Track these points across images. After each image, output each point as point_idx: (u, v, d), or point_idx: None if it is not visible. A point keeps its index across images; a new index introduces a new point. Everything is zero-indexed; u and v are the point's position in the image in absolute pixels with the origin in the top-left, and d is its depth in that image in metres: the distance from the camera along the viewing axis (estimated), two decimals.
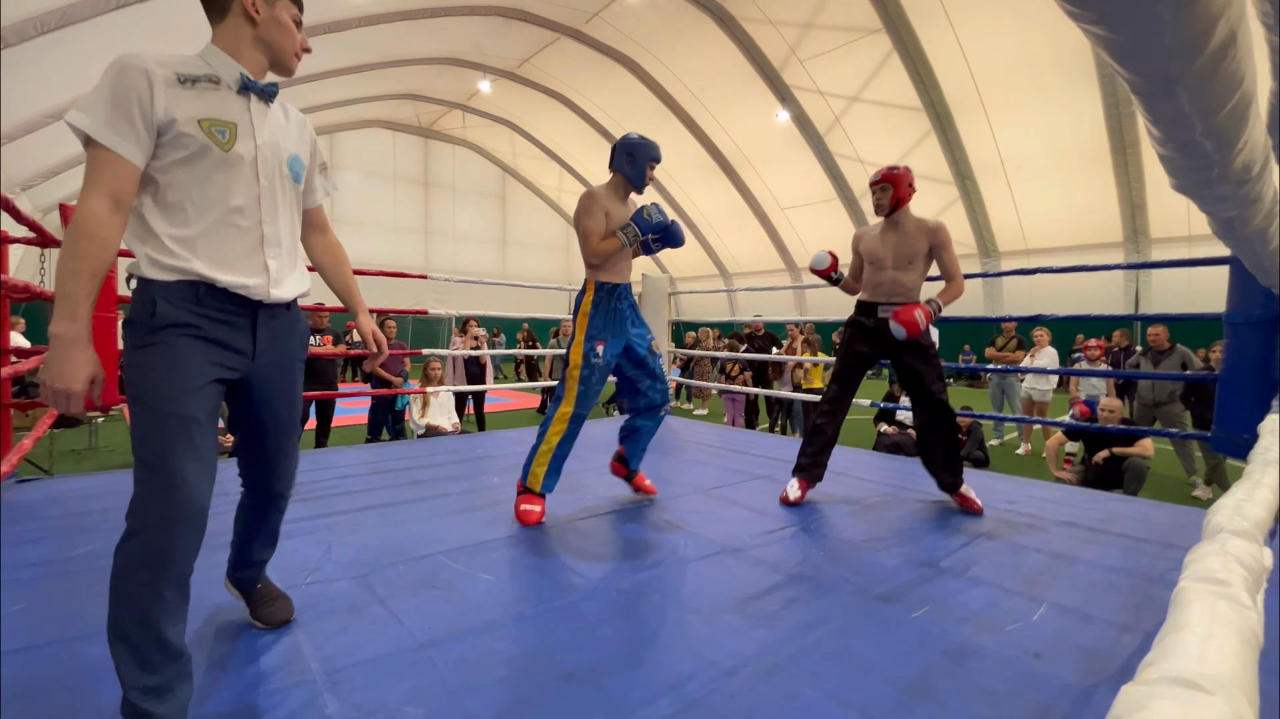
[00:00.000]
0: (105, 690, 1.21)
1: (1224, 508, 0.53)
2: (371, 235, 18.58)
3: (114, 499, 2.48)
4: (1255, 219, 1.19)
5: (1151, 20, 0.53)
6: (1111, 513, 2.61)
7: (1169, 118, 0.72)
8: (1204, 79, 0.62)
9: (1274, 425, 1.09)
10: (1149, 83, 0.64)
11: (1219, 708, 0.25)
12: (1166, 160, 0.91)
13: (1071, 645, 1.48)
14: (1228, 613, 0.32)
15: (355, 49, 11.91)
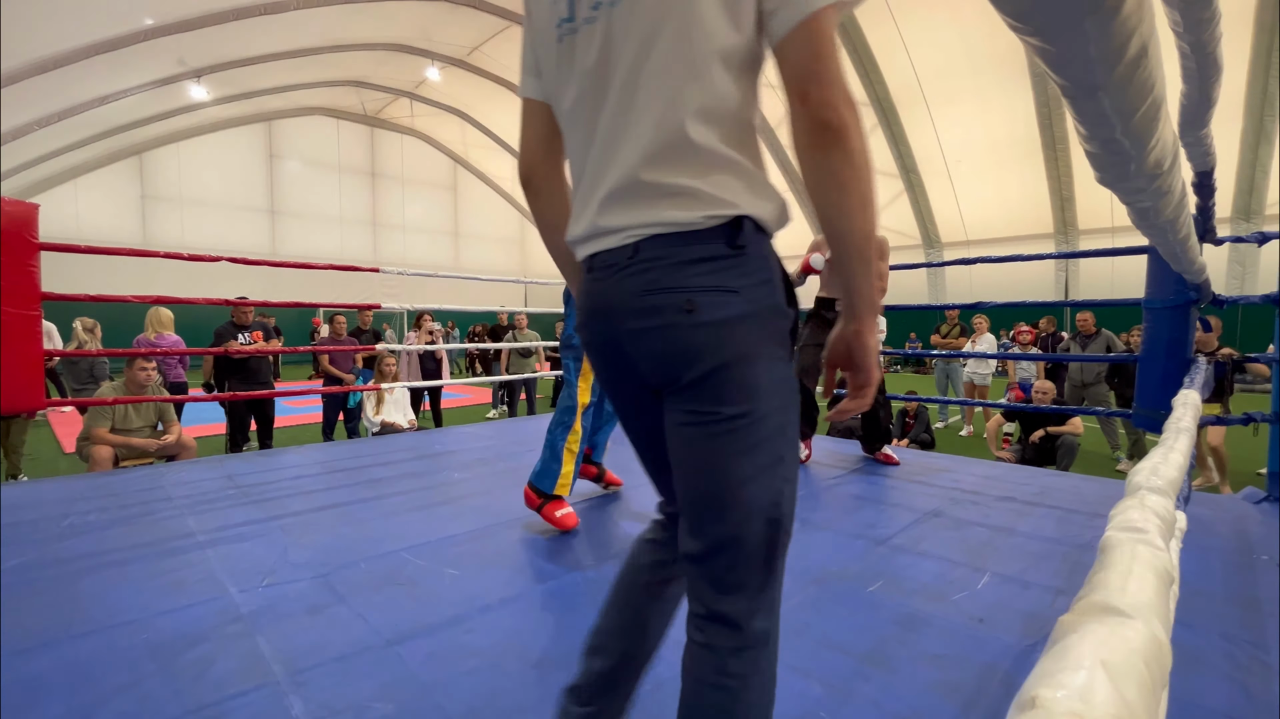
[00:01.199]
0: (54, 702, 1.15)
1: (1142, 470, 0.59)
2: (317, 227, 17.87)
3: (48, 508, 2.34)
4: (1166, 210, 1.30)
5: (1079, 33, 0.58)
6: (1046, 487, 2.79)
7: (1093, 118, 0.79)
8: (1122, 85, 0.68)
9: (1185, 399, 1.20)
10: (1076, 87, 0.70)
11: (1139, 629, 0.29)
12: (1092, 156, 0.99)
13: (1012, 610, 1.58)
14: (1146, 555, 0.37)
15: (295, 32, 11.38)
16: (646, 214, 0.69)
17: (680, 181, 0.67)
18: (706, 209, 0.67)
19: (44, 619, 1.48)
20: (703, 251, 0.67)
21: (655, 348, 0.70)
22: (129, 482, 2.76)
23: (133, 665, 1.29)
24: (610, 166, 0.71)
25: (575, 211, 0.80)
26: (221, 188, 16.19)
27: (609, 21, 0.70)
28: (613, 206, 0.71)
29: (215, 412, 7.58)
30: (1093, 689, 0.24)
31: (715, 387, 0.67)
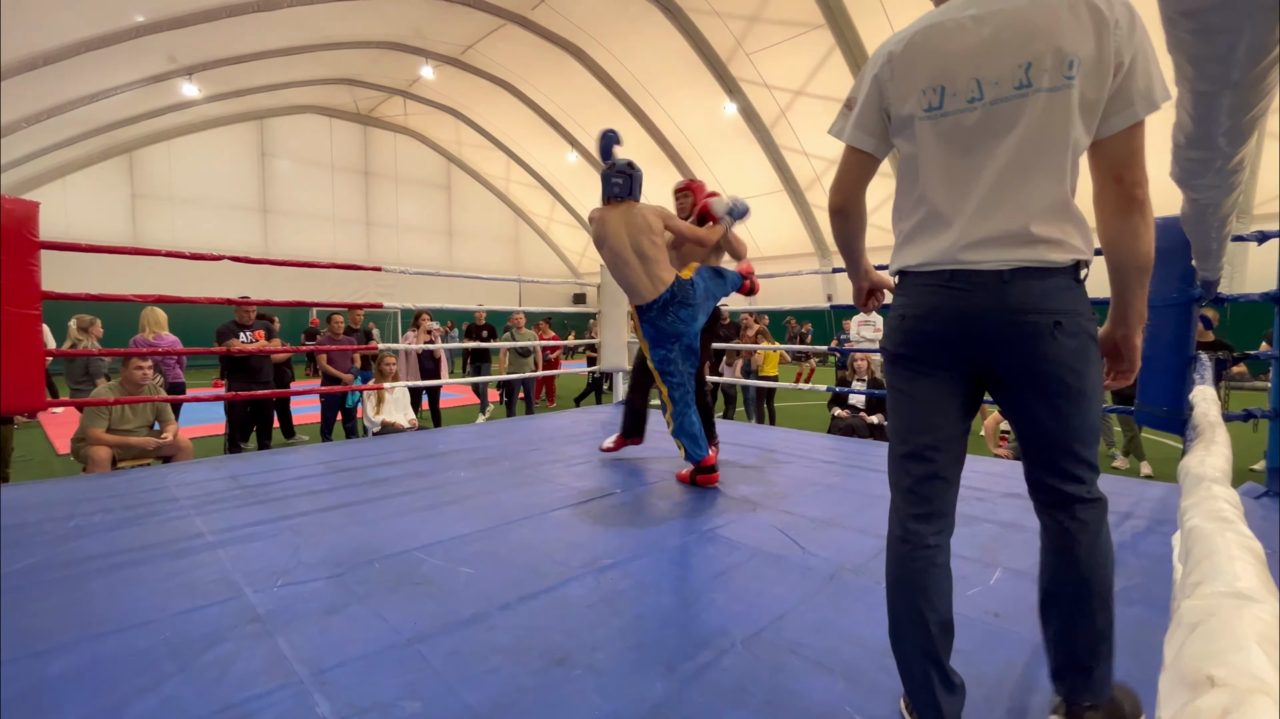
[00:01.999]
0: (76, 704, 1.14)
1: (1192, 462, 0.60)
2: (310, 227, 17.75)
3: (48, 510, 2.31)
4: (1225, 205, 1.30)
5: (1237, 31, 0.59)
6: None
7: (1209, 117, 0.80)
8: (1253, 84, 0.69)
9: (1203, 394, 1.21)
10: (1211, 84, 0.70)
11: (1272, 611, 0.29)
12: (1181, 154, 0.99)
13: (1026, 604, 1.60)
14: (1238, 541, 0.37)
15: (287, 29, 11.29)
16: (1026, 253, 0.98)
17: (1057, 234, 0.97)
18: (1069, 254, 0.98)
19: (58, 620, 1.47)
20: (1063, 283, 0.99)
21: (1025, 348, 1.00)
22: (132, 482, 2.74)
23: (153, 666, 1.28)
24: (995, 215, 1.00)
25: (925, 236, 1.07)
26: (213, 186, 16.04)
27: (989, 114, 0.99)
28: (993, 244, 1.00)
29: (211, 412, 7.51)
30: (1261, 665, 0.25)
31: (1074, 372, 0.99)
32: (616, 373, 5.59)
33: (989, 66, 0.97)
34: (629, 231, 2.60)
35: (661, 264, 2.58)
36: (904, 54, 1.04)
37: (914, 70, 1.03)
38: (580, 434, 4.04)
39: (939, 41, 1.01)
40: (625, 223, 2.61)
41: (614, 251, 2.62)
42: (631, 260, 2.60)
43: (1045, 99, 0.94)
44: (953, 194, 1.03)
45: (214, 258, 3.10)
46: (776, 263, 17.70)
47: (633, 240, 2.59)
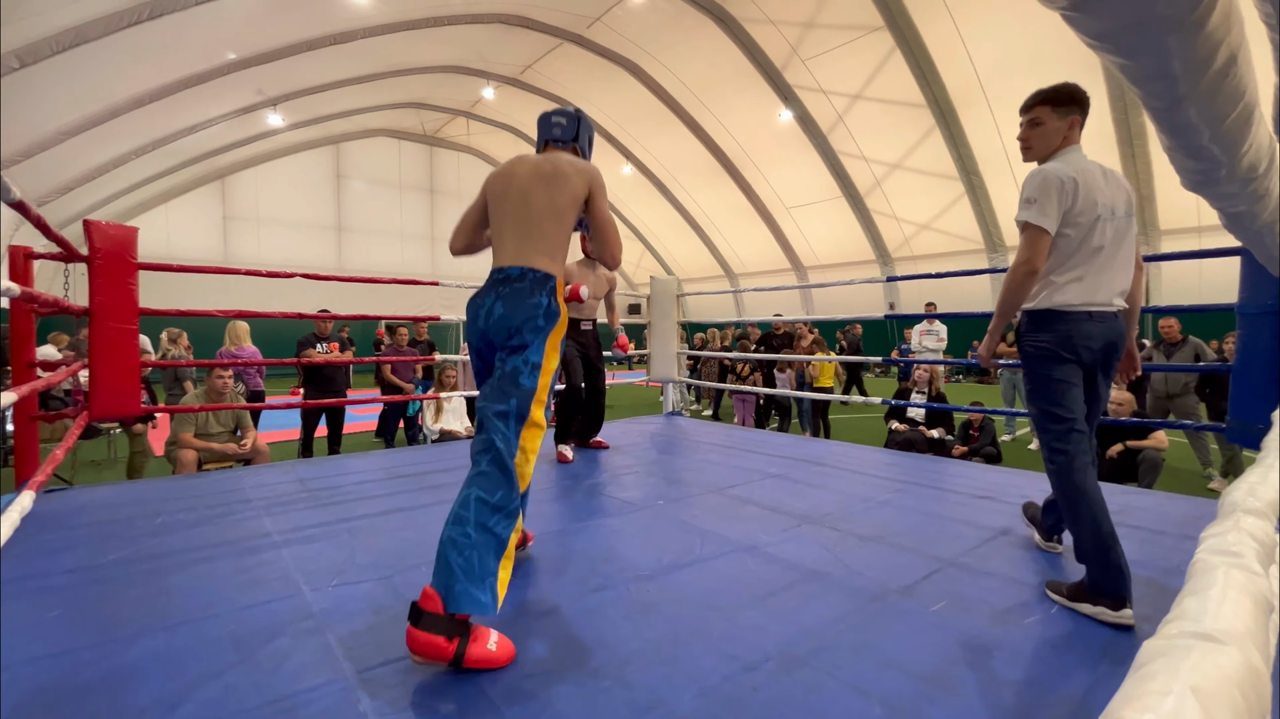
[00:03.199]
0: (148, 688, 1.25)
1: (1239, 488, 0.55)
2: (379, 243, 18.73)
3: (141, 507, 2.53)
4: (1263, 213, 1.20)
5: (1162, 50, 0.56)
6: (1126, 505, 2.61)
7: (1178, 128, 0.75)
8: (1210, 94, 0.64)
9: None
10: (1160, 100, 0.67)
11: (1232, 656, 0.27)
12: (1178, 163, 0.94)
13: (1089, 636, 1.49)
14: (1241, 579, 0.34)
15: (361, 59, 12.02)
16: (1119, 303, 1.76)
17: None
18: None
19: (141, 610, 1.60)
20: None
21: (1120, 353, 1.82)
22: (212, 483, 2.96)
23: (218, 656, 1.38)
24: (1117, 277, 1.74)
25: (1080, 286, 1.73)
26: (294, 207, 17.20)
27: (1115, 224, 1.72)
28: (1115, 294, 1.74)
29: (290, 417, 8.01)
30: (1182, 715, 0.23)
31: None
32: (668, 384, 5.59)
33: (1115, 202, 1.74)
34: (530, 176, 1.77)
35: (547, 235, 1.72)
36: (1080, 183, 1.69)
37: (1090, 193, 1.70)
38: (629, 445, 4.06)
39: (1093, 182, 1.71)
40: (534, 166, 1.80)
41: (499, 198, 1.80)
42: (508, 217, 1.76)
43: (1128, 223, 1.75)
44: (1091, 260, 1.72)
45: (287, 275, 3.33)
46: (833, 270, 17.27)
47: (525, 188, 1.76)
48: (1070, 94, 1.77)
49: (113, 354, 2.68)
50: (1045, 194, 1.67)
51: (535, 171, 1.77)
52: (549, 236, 1.72)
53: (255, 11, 8.72)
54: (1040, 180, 1.69)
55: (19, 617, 1.56)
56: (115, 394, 2.72)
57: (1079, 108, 1.77)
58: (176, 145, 12.22)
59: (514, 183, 1.78)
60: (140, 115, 9.72)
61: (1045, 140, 1.80)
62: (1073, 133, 1.77)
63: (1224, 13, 0.53)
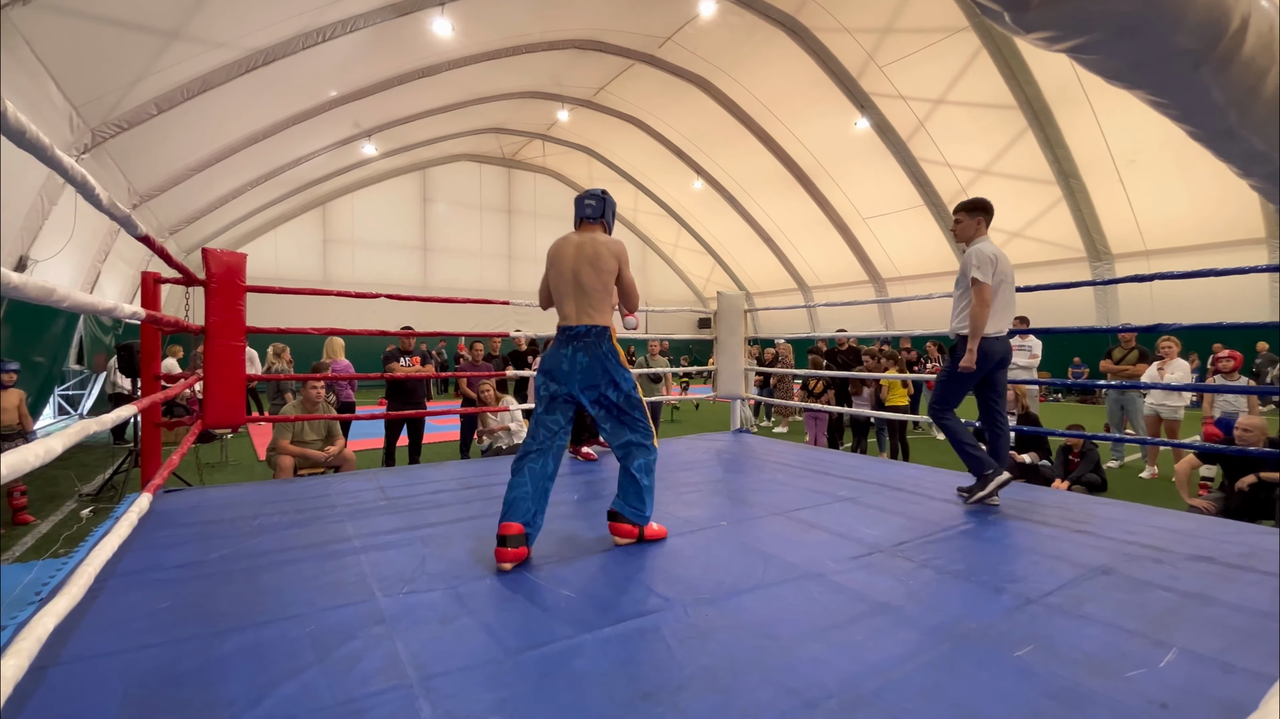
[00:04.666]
0: (237, 680, 1.35)
1: None
2: (461, 262, 19.73)
3: (243, 509, 2.76)
4: None
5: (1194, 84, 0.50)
6: (1256, 547, 2.30)
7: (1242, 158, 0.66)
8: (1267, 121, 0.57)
9: None
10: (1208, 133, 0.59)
11: None
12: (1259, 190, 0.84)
13: (1207, 698, 1.32)
14: None
15: (445, 89, 12.79)
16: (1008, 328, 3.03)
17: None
18: None
19: (235, 606, 1.74)
20: None
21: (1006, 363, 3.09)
22: (305, 488, 3.19)
23: (298, 655, 1.47)
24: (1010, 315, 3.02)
25: (995, 319, 2.93)
26: (384, 230, 18.46)
27: (1009, 283, 2.99)
28: (1008, 325, 3.01)
29: (376, 427, 8.53)
30: None
31: None
32: (735, 400, 5.51)
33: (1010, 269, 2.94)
34: (576, 257, 2.36)
35: (597, 302, 2.34)
36: (998, 257, 2.87)
37: (1001, 264, 2.88)
38: (695, 461, 4.02)
39: (1001, 256, 2.90)
40: (577, 247, 2.38)
41: (559, 273, 2.39)
42: (567, 289, 2.36)
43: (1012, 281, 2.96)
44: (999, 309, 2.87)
45: (373, 295, 3.57)
46: (915, 283, 16.48)
47: (575, 268, 2.35)
48: (978, 204, 2.99)
49: (223, 369, 2.96)
50: (984, 264, 2.86)
51: (580, 254, 2.38)
52: (598, 301, 2.35)
53: (352, 52, 9.50)
54: (979, 255, 2.87)
55: (137, 606, 1.74)
56: (225, 405, 3.00)
57: (984, 213, 2.97)
58: (284, 176, 13.43)
59: (565, 263, 2.39)
60: (254, 150, 10.77)
61: (966, 232, 3.00)
62: (982, 227, 2.97)
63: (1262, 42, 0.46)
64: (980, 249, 2.89)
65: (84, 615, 1.66)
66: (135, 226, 1.60)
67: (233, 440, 7.86)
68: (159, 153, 8.85)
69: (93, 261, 8.60)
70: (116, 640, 1.53)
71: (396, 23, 9.11)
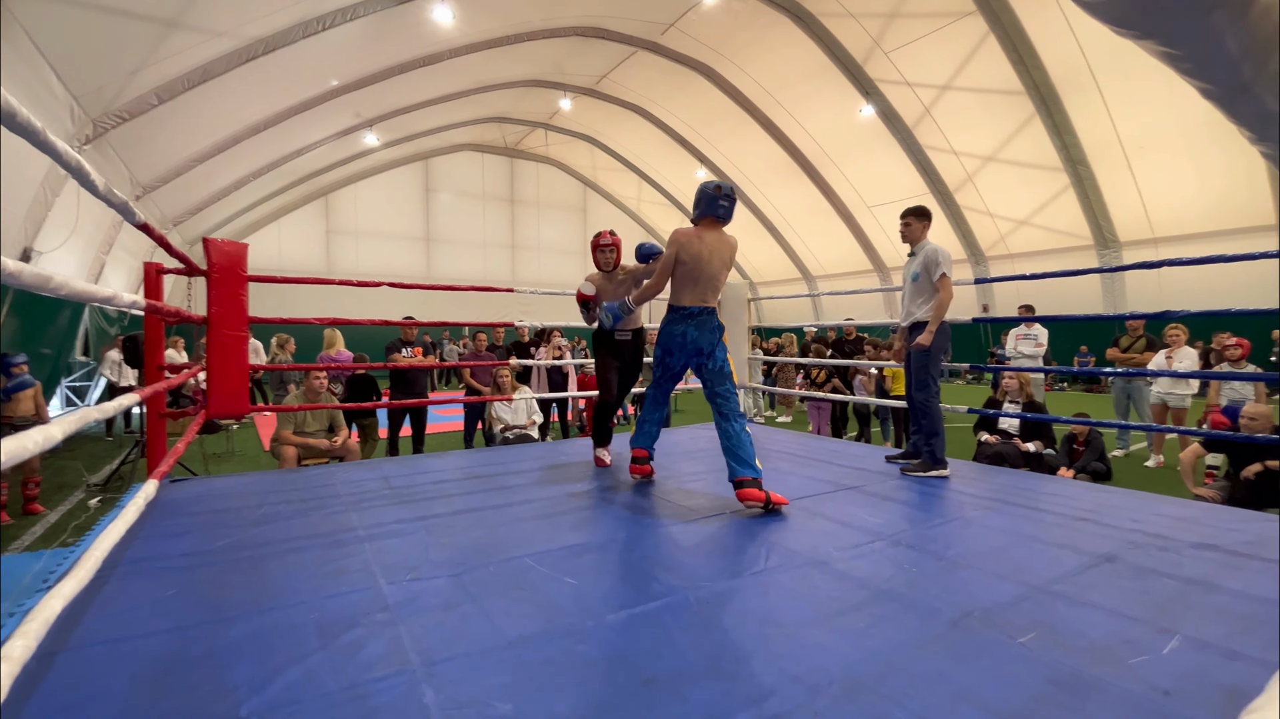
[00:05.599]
0: (242, 667, 1.36)
1: None
2: (464, 252, 19.71)
3: (249, 498, 2.78)
4: None
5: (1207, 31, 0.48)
6: (1262, 535, 2.29)
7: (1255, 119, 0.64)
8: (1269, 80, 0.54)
9: None
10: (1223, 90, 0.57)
11: None
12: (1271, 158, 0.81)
13: (1211, 684, 1.31)
14: None
15: (447, 78, 12.71)
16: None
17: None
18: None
19: (241, 594, 1.76)
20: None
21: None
22: (309, 478, 3.20)
23: (303, 641, 1.48)
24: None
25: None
26: (388, 220, 18.45)
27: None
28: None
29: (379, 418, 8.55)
30: None
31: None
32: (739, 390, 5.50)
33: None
34: (722, 252, 2.82)
35: (716, 291, 2.89)
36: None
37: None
38: (698, 450, 4.03)
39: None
40: (722, 243, 2.82)
41: (707, 263, 2.79)
42: (721, 276, 2.84)
43: None
44: None
45: (375, 284, 3.56)
46: None
47: (715, 268, 2.81)
48: (925, 211, 3.45)
49: (226, 358, 2.96)
50: (948, 262, 3.30)
51: (717, 255, 2.79)
52: (719, 289, 2.85)
53: (353, 40, 9.44)
54: (944, 255, 3.30)
55: (144, 593, 1.75)
56: (228, 395, 3.01)
57: (929, 219, 3.43)
58: (287, 167, 13.41)
59: (705, 261, 2.76)
60: (257, 141, 10.74)
61: (915, 235, 3.40)
62: (926, 230, 3.41)
63: None
64: (942, 249, 3.31)
65: (91, 603, 1.67)
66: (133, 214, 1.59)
67: (238, 431, 7.91)
68: (161, 144, 8.84)
69: (97, 253, 8.62)
70: (123, 627, 1.54)
71: (397, 10, 9.04)
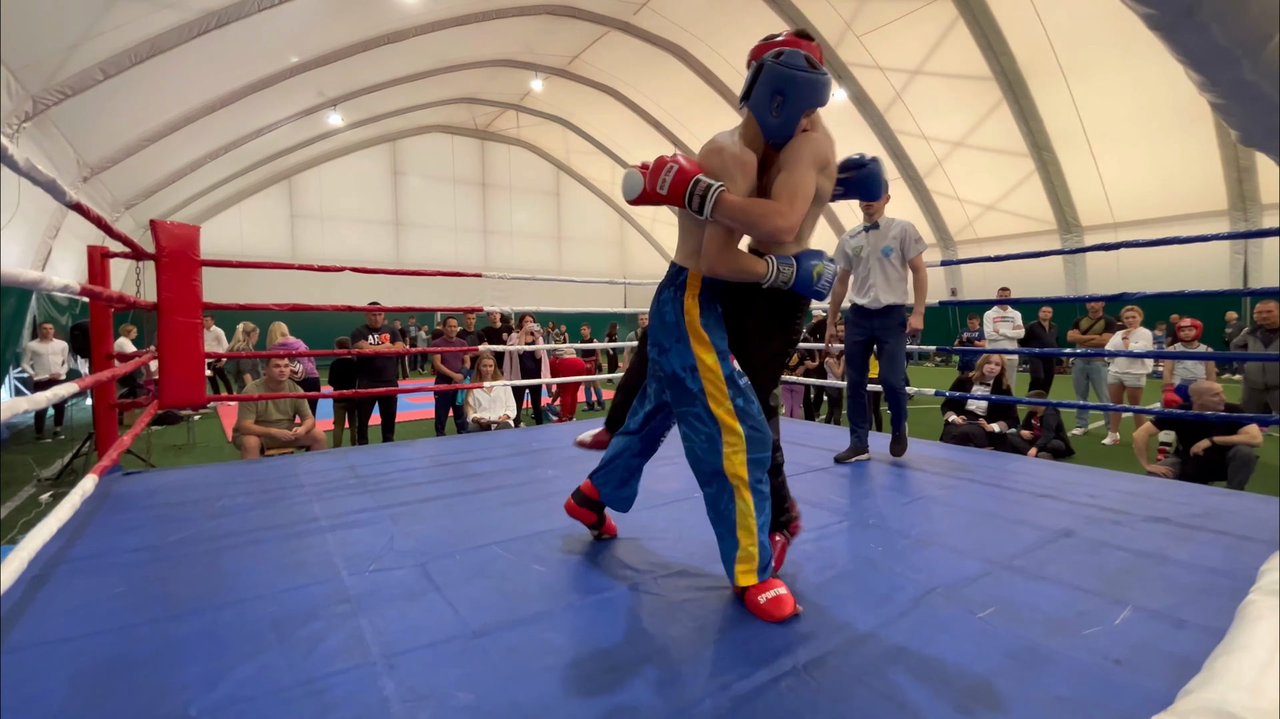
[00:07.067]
0: (193, 665, 1.31)
1: None
2: (434, 236, 19.30)
3: (206, 490, 2.68)
4: None
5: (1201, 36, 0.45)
6: (1210, 508, 2.38)
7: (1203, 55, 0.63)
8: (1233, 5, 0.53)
9: None
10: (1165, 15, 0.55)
11: None
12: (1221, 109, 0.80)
13: (1159, 652, 1.36)
14: None
15: (413, 57, 12.33)
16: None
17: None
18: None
19: (194, 589, 1.69)
20: None
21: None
22: (271, 468, 3.11)
23: (258, 636, 1.43)
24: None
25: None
26: (354, 204, 17.93)
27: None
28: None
29: None
30: None
31: None
32: None
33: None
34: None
35: None
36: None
37: None
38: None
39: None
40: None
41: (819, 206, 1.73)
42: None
43: None
44: None
45: (337, 269, 3.45)
46: None
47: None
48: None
49: (179, 346, 2.84)
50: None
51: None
52: None
53: (313, 15, 9.07)
54: (917, 231, 3.20)
55: (89, 591, 1.68)
56: (183, 384, 2.90)
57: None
58: (246, 148, 12.90)
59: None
60: (212, 120, 10.30)
61: (878, 207, 3.17)
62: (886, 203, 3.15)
63: None
64: (910, 224, 3.19)
65: (30, 603, 1.60)
66: (62, 193, 1.49)
67: (200, 422, 7.66)
68: (109, 122, 8.41)
69: (43, 237, 8.21)
70: (65, 628, 1.47)
71: None
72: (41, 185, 1.38)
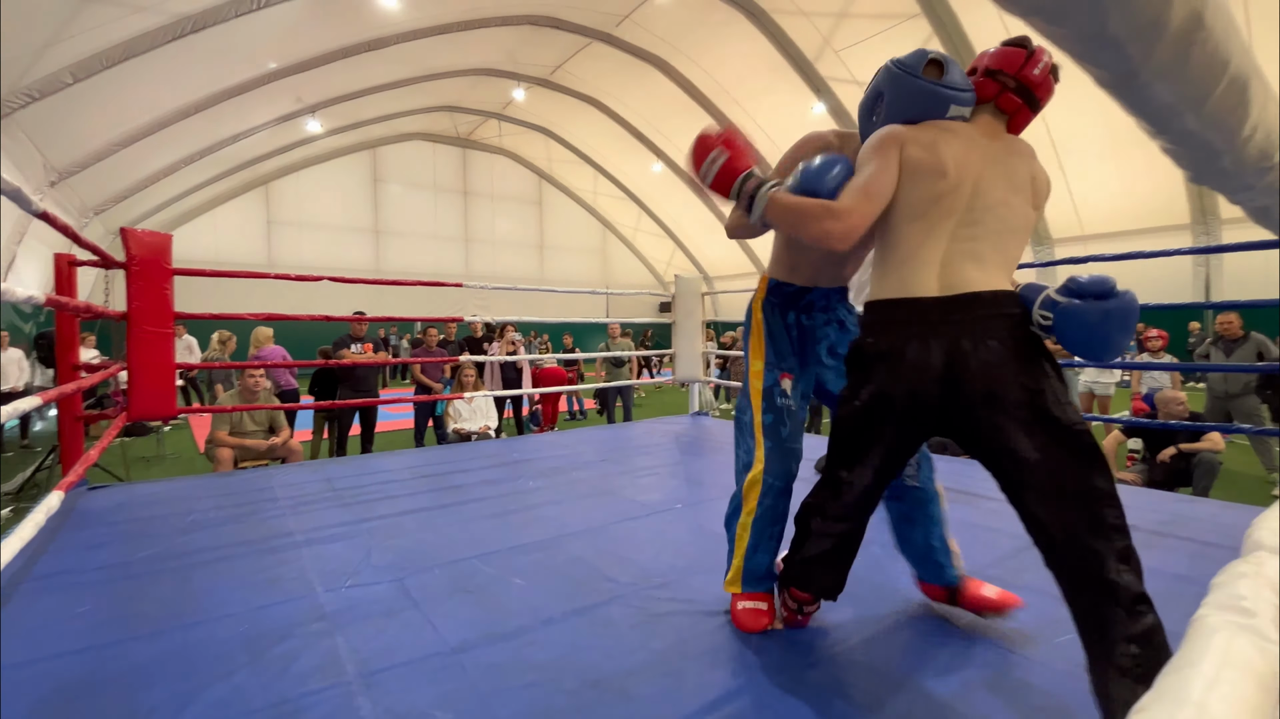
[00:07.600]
0: (160, 687, 1.27)
1: (1269, 520, 0.48)
2: (415, 245, 19.12)
3: (176, 504, 2.62)
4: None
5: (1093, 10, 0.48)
6: (1176, 515, 2.45)
7: (1150, 110, 0.66)
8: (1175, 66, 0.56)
9: None
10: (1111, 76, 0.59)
11: None
12: (1169, 152, 0.84)
13: None
14: (1246, 650, 0.27)
15: (395, 64, 12.27)
16: None
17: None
18: None
19: (161, 608, 1.65)
20: None
21: None
22: (245, 482, 3.05)
23: (229, 657, 1.40)
24: None
25: None
26: (333, 211, 17.70)
27: None
28: None
29: None
30: None
31: None
32: (693, 384, 5.53)
33: None
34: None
35: None
36: None
37: None
38: (652, 445, 4.03)
39: None
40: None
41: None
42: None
43: None
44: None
45: (315, 278, 3.41)
46: None
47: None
48: None
49: (149, 357, 2.78)
50: None
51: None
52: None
53: (293, 21, 8.99)
54: None
55: (51, 612, 1.63)
56: (152, 395, 2.83)
57: None
58: (222, 153, 12.70)
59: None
60: (187, 125, 10.13)
61: None
62: None
63: None
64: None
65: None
66: (27, 200, 1.46)
67: (171, 434, 7.47)
68: (78, 126, 8.23)
69: (7, 243, 7.98)
70: (26, 650, 1.42)
71: None
72: (6, 194, 1.35)
